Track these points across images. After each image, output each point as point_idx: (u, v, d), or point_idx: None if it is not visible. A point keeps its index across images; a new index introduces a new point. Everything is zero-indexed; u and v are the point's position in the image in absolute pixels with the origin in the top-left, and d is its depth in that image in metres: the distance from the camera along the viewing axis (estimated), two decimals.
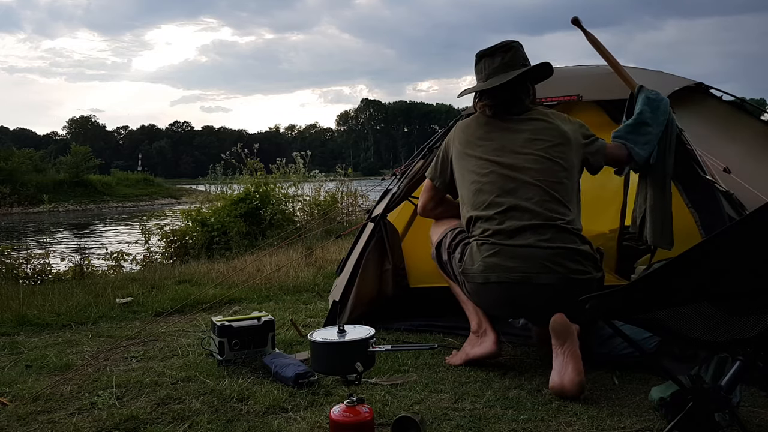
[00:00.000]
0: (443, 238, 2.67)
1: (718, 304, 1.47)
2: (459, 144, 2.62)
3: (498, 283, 2.37)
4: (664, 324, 1.63)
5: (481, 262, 2.39)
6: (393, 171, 3.99)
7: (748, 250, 1.35)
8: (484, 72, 2.58)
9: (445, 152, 2.69)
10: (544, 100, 2.95)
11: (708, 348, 1.88)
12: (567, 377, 2.18)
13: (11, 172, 33.63)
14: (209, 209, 8.97)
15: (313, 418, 2.06)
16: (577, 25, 2.82)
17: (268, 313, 2.81)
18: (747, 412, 1.98)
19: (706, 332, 1.58)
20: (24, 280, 5.94)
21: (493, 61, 2.56)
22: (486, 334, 2.54)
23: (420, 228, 3.64)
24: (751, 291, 1.44)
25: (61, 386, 2.44)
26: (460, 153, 2.60)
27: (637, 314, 1.62)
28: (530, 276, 2.31)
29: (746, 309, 1.48)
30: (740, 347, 1.61)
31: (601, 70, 2.94)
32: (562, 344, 2.25)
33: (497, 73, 2.53)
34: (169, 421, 2.09)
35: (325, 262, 5.51)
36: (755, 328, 1.51)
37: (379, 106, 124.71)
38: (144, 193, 39.60)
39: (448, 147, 2.69)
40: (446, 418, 2.03)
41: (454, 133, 2.69)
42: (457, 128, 2.70)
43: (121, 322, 3.66)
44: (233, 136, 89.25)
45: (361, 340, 1.84)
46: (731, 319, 1.50)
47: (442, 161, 2.70)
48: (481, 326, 2.56)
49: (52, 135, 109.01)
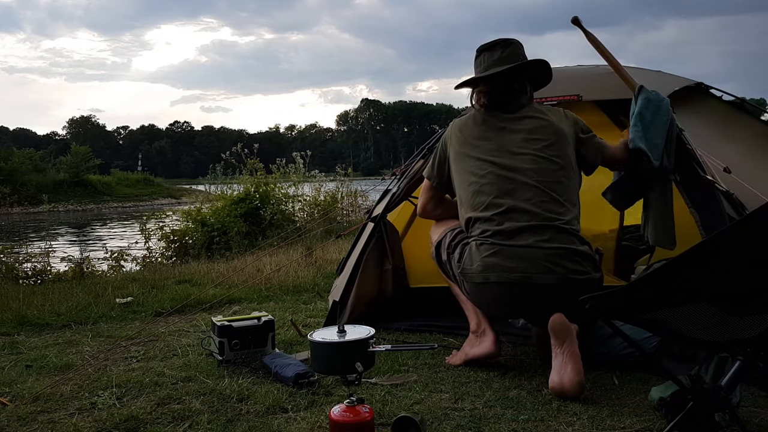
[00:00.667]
0: (443, 238, 2.67)
1: (718, 304, 1.47)
2: (456, 143, 2.61)
3: (498, 283, 2.37)
4: (664, 324, 1.63)
5: (480, 262, 2.39)
6: (393, 171, 3.99)
7: (748, 250, 1.35)
8: (483, 65, 2.59)
9: (443, 151, 2.68)
10: (544, 100, 2.95)
11: (708, 348, 1.88)
12: (566, 377, 2.18)
13: (11, 172, 33.63)
14: (209, 209, 8.97)
15: (313, 418, 2.06)
16: (577, 25, 2.82)
17: (268, 313, 2.81)
18: (747, 412, 1.98)
19: (706, 332, 1.58)
20: (24, 280, 5.94)
21: (492, 54, 2.57)
22: (485, 334, 2.54)
23: (420, 228, 3.64)
24: (751, 291, 1.44)
25: (61, 386, 2.44)
26: (458, 153, 2.59)
27: (637, 314, 1.62)
28: (530, 276, 2.31)
29: (746, 309, 1.48)
30: (740, 347, 1.61)
31: (601, 70, 2.94)
32: (561, 344, 2.25)
33: (495, 66, 2.54)
34: (169, 421, 2.09)
35: (325, 262, 5.51)
36: (755, 328, 1.51)
37: (379, 106, 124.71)
38: (144, 193, 39.60)
39: (445, 146, 2.68)
40: (446, 418, 2.03)
41: (450, 131, 2.68)
42: (453, 126, 2.69)
43: (121, 322, 3.66)
44: (233, 136, 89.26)
45: (361, 340, 1.84)
46: (731, 319, 1.50)
47: (440, 161, 2.70)
48: (480, 326, 2.56)
49: (52, 135, 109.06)
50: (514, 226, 2.36)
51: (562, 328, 2.25)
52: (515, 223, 2.37)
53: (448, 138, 2.67)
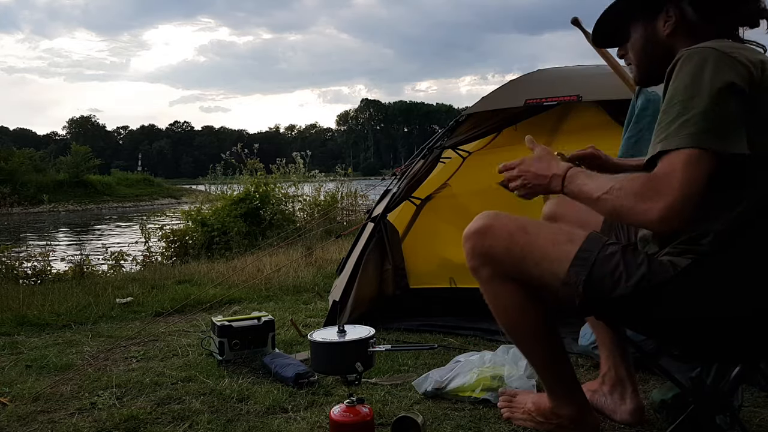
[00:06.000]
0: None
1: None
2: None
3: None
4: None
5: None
6: (393, 171, 4.00)
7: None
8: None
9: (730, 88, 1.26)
10: (544, 101, 2.95)
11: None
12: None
13: (11, 172, 33.59)
14: (209, 209, 8.97)
15: (313, 418, 2.06)
16: (577, 25, 2.82)
17: (268, 313, 2.81)
18: (747, 412, 1.98)
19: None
20: (24, 280, 5.94)
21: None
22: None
23: (420, 228, 3.65)
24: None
25: (61, 386, 2.44)
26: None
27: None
28: None
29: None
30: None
31: (601, 70, 2.94)
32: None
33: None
34: (169, 421, 2.08)
35: (325, 262, 5.51)
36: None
37: (379, 106, 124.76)
38: (144, 193, 39.57)
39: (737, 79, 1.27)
40: (446, 418, 2.03)
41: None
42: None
43: (121, 322, 3.66)
44: (233, 136, 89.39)
45: (361, 340, 1.83)
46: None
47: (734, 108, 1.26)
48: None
49: (52, 135, 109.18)
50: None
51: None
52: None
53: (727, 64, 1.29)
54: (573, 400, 1.69)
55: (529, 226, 1.51)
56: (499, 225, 1.52)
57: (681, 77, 1.30)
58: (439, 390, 2.20)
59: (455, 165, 3.62)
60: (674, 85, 1.30)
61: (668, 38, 1.49)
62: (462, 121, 3.28)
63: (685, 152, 1.23)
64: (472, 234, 1.55)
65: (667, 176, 1.24)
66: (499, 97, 3.24)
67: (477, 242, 1.54)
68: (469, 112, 3.27)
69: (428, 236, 3.62)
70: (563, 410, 1.70)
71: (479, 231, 1.54)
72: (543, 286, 1.49)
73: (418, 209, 3.66)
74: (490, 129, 3.19)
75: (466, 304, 3.00)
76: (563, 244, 1.45)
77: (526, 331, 1.61)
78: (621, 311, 1.40)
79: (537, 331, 1.61)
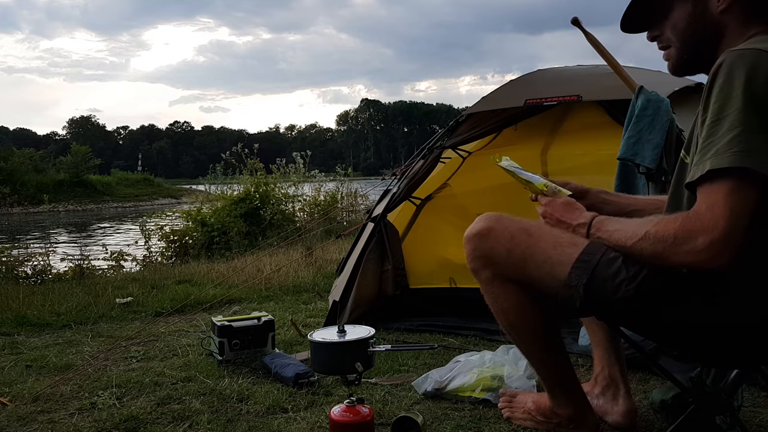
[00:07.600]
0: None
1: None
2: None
3: None
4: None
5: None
6: (393, 171, 3.99)
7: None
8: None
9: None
10: (544, 101, 2.94)
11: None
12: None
13: (11, 172, 33.56)
14: (209, 209, 8.97)
15: (313, 418, 2.06)
16: (576, 25, 2.82)
17: (268, 313, 2.81)
18: (747, 412, 1.98)
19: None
20: (24, 280, 5.93)
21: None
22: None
23: (420, 228, 3.65)
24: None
25: (61, 386, 2.44)
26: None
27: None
28: None
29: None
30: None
31: (601, 70, 2.94)
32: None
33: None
34: (169, 421, 2.08)
35: (325, 262, 5.51)
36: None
37: (379, 106, 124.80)
38: (144, 193, 39.55)
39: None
40: (446, 418, 2.03)
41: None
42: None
43: (121, 322, 3.66)
44: (233, 136, 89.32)
45: (361, 340, 1.83)
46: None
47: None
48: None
49: (52, 135, 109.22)
50: None
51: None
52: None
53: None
54: (573, 400, 1.69)
55: (531, 228, 1.49)
56: (501, 227, 1.50)
57: (725, 89, 1.16)
58: (439, 390, 2.20)
59: (455, 165, 3.62)
60: (719, 96, 1.17)
61: (721, 15, 1.31)
62: (462, 121, 3.28)
63: (728, 182, 1.13)
64: (473, 236, 1.54)
65: (710, 210, 1.14)
66: (499, 97, 3.24)
67: (478, 244, 1.53)
68: (469, 112, 3.27)
69: (428, 236, 3.62)
70: (563, 410, 1.69)
71: (480, 233, 1.52)
72: (544, 288, 1.47)
73: (418, 209, 3.66)
74: (490, 129, 3.19)
75: (466, 304, 3.00)
76: (565, 247, 1.42)
77: (527, 332, 1.60)
78: (622, 314, 1.39)
79: (537, 332, 1.60)
